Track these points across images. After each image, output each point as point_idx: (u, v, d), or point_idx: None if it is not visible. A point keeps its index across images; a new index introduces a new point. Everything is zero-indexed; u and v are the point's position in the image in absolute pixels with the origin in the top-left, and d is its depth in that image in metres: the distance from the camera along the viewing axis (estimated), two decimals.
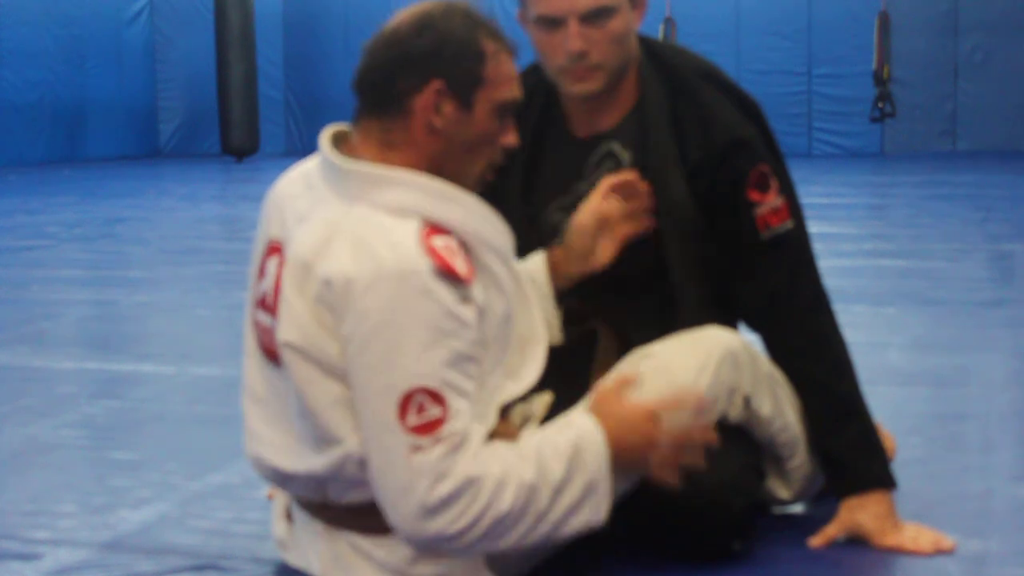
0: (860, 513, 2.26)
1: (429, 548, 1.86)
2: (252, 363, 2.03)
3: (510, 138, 1.96)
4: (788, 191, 2.33)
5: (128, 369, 3.95)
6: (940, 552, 2.22)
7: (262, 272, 2.00)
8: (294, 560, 2.10)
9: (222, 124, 15.64)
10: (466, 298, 1.82)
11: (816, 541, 2.28)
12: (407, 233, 1.82)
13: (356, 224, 1.84)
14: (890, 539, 2.24)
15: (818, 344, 2.31)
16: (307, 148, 17.73)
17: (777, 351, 2.32)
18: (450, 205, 1.87)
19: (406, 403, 1.78)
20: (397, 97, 1.88)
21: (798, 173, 2.33)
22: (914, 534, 2.25)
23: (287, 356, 1.88)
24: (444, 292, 1.79)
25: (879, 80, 14.92)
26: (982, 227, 7.75)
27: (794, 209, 2.33)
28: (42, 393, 3.59)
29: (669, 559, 2.18)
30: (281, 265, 1.92)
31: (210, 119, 16.78)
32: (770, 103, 15.77)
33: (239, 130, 15.53)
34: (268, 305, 1.96)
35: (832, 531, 2.28)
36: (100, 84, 16.79)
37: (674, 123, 2.29)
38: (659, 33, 14.61)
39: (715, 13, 15.99)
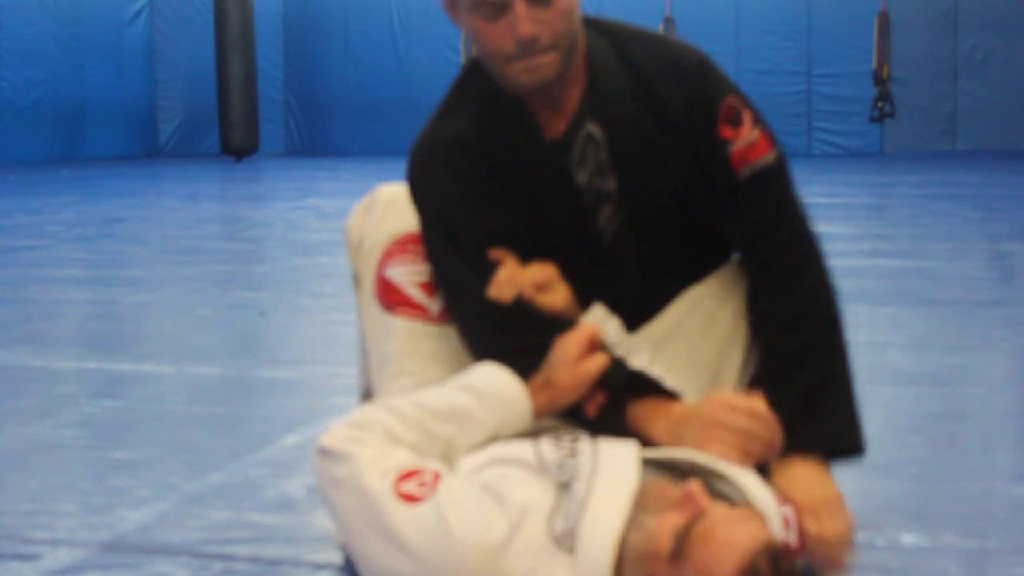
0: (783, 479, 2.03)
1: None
2: None
3: None
4: (761, 121, 2.15)
5: (127, 369, 3.94)
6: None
7: None
8: None
9: (222, 124, 15.65)
10: None
11: None
12: None
13: None
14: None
15: (787, 285, 2.11)
16: (307, 148, 17.75)
17: (752, 289, 2.16)
18: None
19: None
20: None
21: (798, 173, 2.26)
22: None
23: None
24: None
25: (879, 80, 14.93)
26: (982, 227, 7.75)
27: (771, 139, 2.15)
28: (42, 393, 3.59)
29: None
30: None
31: (210, 119, 16.78)
32: (770, 103, 15.76)
33: (239, 130, 15.53)
34: None
35: None
36: (100, 84, 16.79)
37: (635, 77, 2.10)
38: None
39: (715, 13, 15.99)
